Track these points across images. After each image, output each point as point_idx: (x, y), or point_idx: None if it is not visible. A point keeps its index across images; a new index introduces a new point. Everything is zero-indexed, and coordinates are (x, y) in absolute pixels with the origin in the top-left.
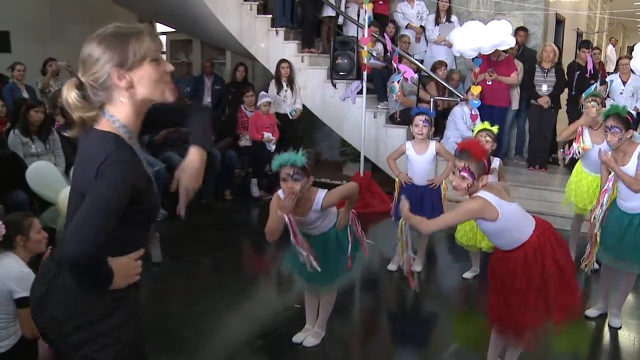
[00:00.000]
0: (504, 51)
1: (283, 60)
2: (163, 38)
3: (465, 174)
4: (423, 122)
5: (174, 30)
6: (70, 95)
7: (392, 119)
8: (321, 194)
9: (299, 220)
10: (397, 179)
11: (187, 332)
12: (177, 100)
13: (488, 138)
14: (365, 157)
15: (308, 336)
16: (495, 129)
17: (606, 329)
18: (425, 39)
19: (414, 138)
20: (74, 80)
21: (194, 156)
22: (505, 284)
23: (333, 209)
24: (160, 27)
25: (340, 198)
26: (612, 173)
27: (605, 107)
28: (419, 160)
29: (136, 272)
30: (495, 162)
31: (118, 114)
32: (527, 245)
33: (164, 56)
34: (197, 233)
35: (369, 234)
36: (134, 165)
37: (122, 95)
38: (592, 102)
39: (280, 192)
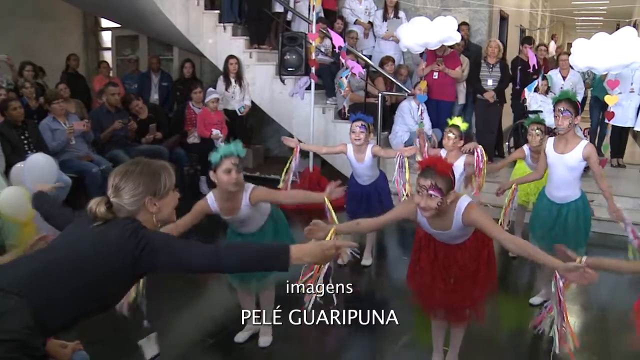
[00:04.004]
0: (449, 46)
1: (231, 57)
2: (108, 34)
3: (433, 192)
4: (359, 127)
5: (119, 26)
6: (100, 209)
7: (340, 115)
8: (249, 186)
9: (232, 219)
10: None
11: (136, 333)
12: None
13: (451, 135)
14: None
15: (261, 336)
16: (464, 125)
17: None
18: (374, 35)
19: None
20: (104, 199)
21: None
22: (461, 268)
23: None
24: (105, 23)
25: (268, 197)
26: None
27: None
28: (359, 166)
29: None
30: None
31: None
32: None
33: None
34: None
35: None
36: None
37: (148, 217)
38: (536, 131)
39: (210, 196)
